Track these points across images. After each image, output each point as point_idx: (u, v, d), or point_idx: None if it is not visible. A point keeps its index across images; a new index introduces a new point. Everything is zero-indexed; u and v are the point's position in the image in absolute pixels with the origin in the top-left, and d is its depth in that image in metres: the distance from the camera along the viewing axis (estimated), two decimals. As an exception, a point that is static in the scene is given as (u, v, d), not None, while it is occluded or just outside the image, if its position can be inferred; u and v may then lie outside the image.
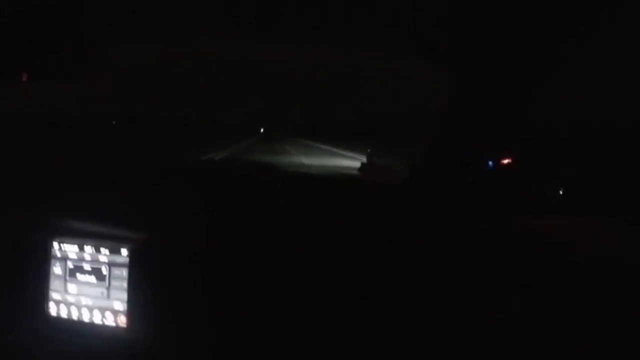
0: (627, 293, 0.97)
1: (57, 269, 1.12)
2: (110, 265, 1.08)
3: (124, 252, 1.07)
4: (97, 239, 1.09)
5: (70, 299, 1.11)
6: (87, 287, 1.10)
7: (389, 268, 1.04)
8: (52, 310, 1.12)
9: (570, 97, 1.27)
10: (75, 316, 1.11)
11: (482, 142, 1.43)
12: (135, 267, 1.06)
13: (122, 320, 1.07)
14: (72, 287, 1.11)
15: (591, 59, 1.16)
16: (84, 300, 1.10)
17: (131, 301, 1.06)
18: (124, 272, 1.07)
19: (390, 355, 1.00)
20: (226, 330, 1.05)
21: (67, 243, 1.11)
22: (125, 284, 1.07)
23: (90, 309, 1.09)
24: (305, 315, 1.04)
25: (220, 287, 1.05)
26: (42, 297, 1.12)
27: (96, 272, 1.09)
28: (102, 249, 1.08)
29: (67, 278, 1.11)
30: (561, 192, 1.52)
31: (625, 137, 1.35)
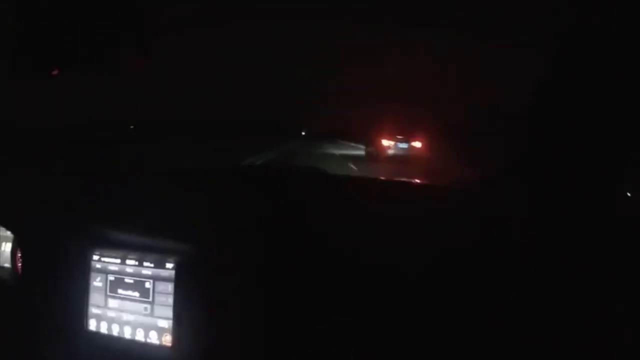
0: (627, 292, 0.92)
1: (97, 282, 1.05)
2: (155, 279, 1.00)
3: (169, 265, 0.99)
4: (141, 251, 1.01)
5: (111, 314, 1.04)
6: (129, 303, 1.02)
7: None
8: (92, 325, 1.06)
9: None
10: (116, 332, 1.04)
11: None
12: (181, 283, 0.98)
13: (167, 339, 1.00)
14: (113, 302, 1.04)
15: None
16: (126, 316, 1.03)
17: (177, 319, 0.98)
18: (169, 287, 0.99)
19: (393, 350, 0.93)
20: (277, 352, 0.96)
21: (108, 255, 1.04)
22: (170, 300, 0.99)
23: (133, 326, 1.02)
24: (362, 338, 0.95)
25: (273, 305, 0.96)
26: (81, 311, 1.06)
27: (139, 286, 1.01)
28: (146, 262, 1.01)
29: (108, 292, 1.04)
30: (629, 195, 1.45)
31: None
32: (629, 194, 1.45)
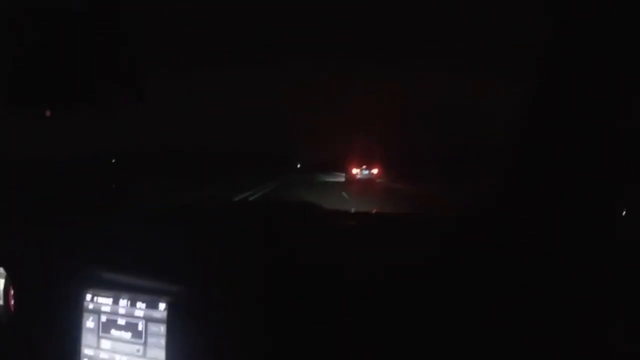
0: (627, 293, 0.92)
1: (89, 323, 1.04)
2: (147, 320, 0.99)
3: (162, 306, 0.98)
4: (133, 292, 1.01)
5: (104, 355, 1.03)
6: (122, 344, 1.01)
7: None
8: (84, 366, 1.04)
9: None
10: (108, 374, 1.02)
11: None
12: (173, 324, 0.97)
13: (160, 381, 0.98)
14: (105, 343, 1.03)
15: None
16: (118, 358, 1.01)
17: (169, 360, 0.97)
18: (162, 329, 0.98)
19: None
20: None
21: (100, 295, 1.03)
22: (163, 342, 0.98)
23: (125, 367, 1.01)
24: None
25: (269, 342, 0.95)
26: (73, 352, 1.05)
27: (131, 327, 1.00)
28: (138, 303, 1.00)
29: (100, 333, 1.03)
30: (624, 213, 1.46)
31: None
32: (624, 213, 1.47)
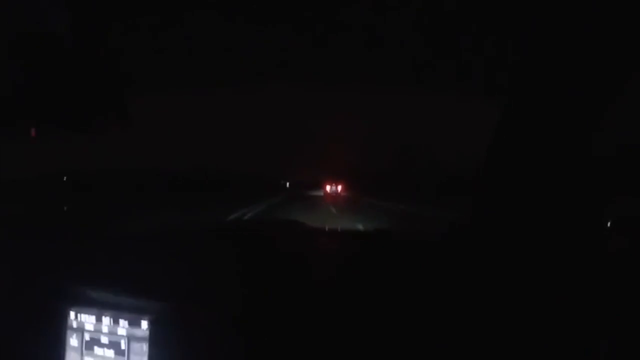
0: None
1: (73, 341, 1.04)
2: (129, 338, 0.99)
3: (144, 324, 0.98)
4: (116, 310, 1.01)
5: (87, 373, 1.02)
6: (105, 363, 1.01)
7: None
8: (67, 385, 1.04)
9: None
10: (91, 393, 1.02)
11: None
12: (156, 342, 0.97)
13: (142, 401, 0.97)
14: (88, 362, 1.02)
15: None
16: (101, 376, 1.01)
17: (151, 380, 0.97)
18: (144, 347, 0.98)
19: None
20: None
21: (84, 313, 1.03)
22: (145, 360, 0.97)
23: (108, 387, 1.00)
24: None
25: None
26: None
27: (114, 345, 1.00)
28: (121, 321, 1.00)
29: (84, 351, 1.03)
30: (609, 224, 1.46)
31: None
32: (609, 224, 1.46)
